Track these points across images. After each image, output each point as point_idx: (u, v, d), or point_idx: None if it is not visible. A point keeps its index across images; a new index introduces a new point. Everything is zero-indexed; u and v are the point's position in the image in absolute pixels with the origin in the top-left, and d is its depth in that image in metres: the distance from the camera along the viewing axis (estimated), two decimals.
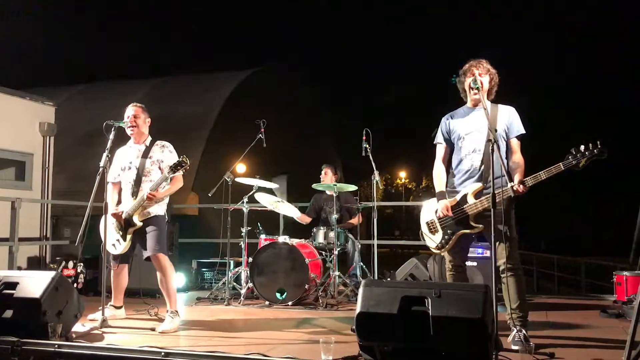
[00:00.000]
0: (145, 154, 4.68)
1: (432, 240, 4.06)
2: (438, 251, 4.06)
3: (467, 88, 3.99)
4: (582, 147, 3.49)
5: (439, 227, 4.00)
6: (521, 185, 3.65)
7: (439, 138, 4.16)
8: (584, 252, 16.71)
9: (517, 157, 3.89)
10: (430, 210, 4.10)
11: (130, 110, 4.74)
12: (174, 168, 4.39)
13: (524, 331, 3.68)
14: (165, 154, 4.70)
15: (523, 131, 3.94)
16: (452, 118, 4.12)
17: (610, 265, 10.13)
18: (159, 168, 4.65)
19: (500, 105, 4.01)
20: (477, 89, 3.85)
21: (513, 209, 3.87)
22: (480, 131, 3.92)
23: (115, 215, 4.56)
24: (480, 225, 3.84)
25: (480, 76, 3.93)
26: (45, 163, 7.94)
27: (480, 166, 3.88)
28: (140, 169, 4.63)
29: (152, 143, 4.75)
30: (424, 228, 4.12)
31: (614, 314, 4.97)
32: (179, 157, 4.45)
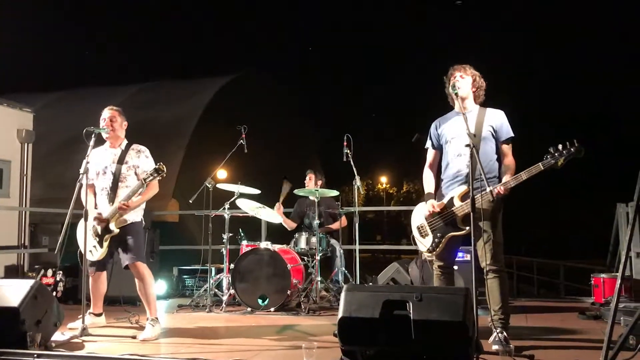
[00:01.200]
0: (121, 159, 4.63)
1: (423, 244, 4.11)
2: (429, 254, 4.10)
3: (453, 97, 4.06)
4: (560, 147, 3.56)
5: (429, 231, 4.05)
6: (502, 187, 3.71)
7: (429, 143, 4.25)
8: (562, 255, 16.92)
9: (509, 160, 3.94)
10: (420, 214, 4.15)
11: (107, 113, 4.69)
12: (150, 175, 4.35)
13: (504, 333, 3.73)
14: (142, 159, 4.66)
15: (512, 134, 4.00)
16: (440, 123, 4.20)
17: (588, 268, 10.26)
18: (135, 174, 4.60)
19: (488, 109, 4.06)
20: (456, 94, 3.94)
21: (500, 211, 3.93)
22: (463, 135, 3.95)
23: (97, 218, 4.50)
24: (468, 227, 3.88)
25: (461, 78, 4.02)
26: (24, 170, 7.85)
27: (464, 171, 3.94)
28: (117, 175, 4.58)
29: (127, 147, 4.70)
30: (415, 233, 4.17)
31: (592, 316, 5.05)
32: (156, 164, 4.42)
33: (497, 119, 4.01)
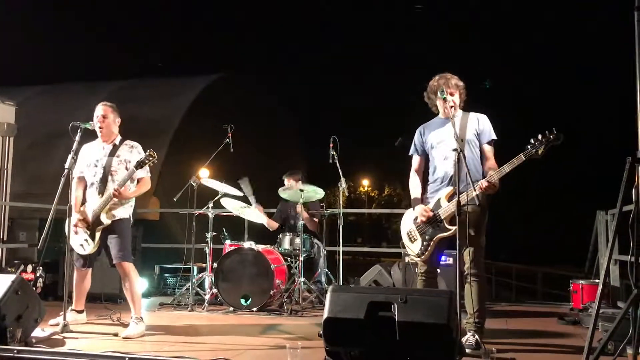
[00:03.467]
0: (113, 153, 4.63)
1: (412, 250, 4.13)
2: (419, 259, 4.10)
3: (439, 105, 4.14)
4: (540, 136, 3.64)
5: (417, 236, 4.08)
6: (485, 181, 3.73)
7: (413, 149, 4.30)
8: (540, 261, 17.13)
9: (491, 164, 3.99)
10: (409, 220, 4.17)
11: (100, 110, 4.65)
12: (141, 163, 4.37)
13: (477, 336, 3.78)
14: (134, 154, 4.65)
15: (494, 137, 4.07)
16: (425, 129, 4.26)
17: (565, 275, 10.42)
18: (126, 168, 4.58)
19: (471, 113, 4.14)
20: (444, 99, 3.99)
21: (485, 217, 3.97)
22: (451, 140, 4.02)
23: (81, 219, 4.47)
24: (455, 227, 3.90)
25: (452, 95, 4.06)
26: (4, 164, 7.71)
27: (452, 173, 3.98)
28: (107, 168, 4.57)
29: (121, 142, 4.70)
30: (405, 239, 4.18)
31: (571, 321, 5.12)
32: (145, 151, 4.44)
33: (480, 123, 4.09)
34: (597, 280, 6.04)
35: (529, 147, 3.66)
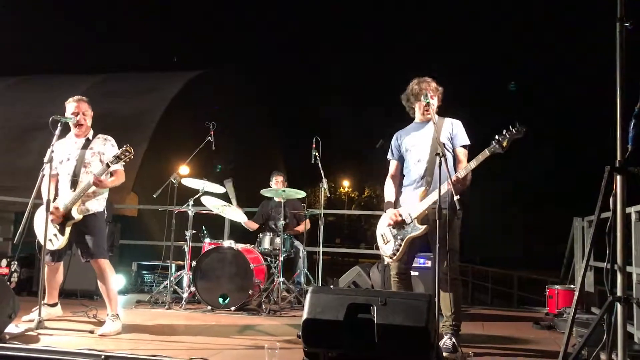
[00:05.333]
0: (86, 146, 4.56)
1: (385, 251, 4.18)
2: (391, 260, 4.15)
3: (418, 108, 4.23)
4: (504, 131, 3.70)
5: (390, 237, 4.13)
6: (453, 179, 3.75)
7: (390, 155, 4.37)
8: (516, 266, 17.33)
9: (463, 166, 4.02)
10: (383, 222, 4.22)
11: (74, 106, 4.56)
12: (118, 157, 4.30)
13: (454, 339, 3.82)
14: (107, 147, 4.59)
15: (468, 142, 4.14)
16: (401, 134, 4.34)
17: (540, 279, 10.55)
18: (100, 160, 4.51)
19: (447, 119, 4.21)
20: (427, 103, 4.04)
21: (458, 219, 4.00)
22: (424, 143, 4.14)
23: (53, 213, 4.39)
24: (425, 226, 3.96)
25: (432, 99, 4.11)
26: None
27: (424, 175, 4.08)
28: (80, 160, 4.50)
29: (94, 136, 4.64)
30: (379, 240, 4.25)
31: (546, 326, 5.19)
32: (121, 147, 4.38)
33: (453, 128, 4.17)
34: (572, 286, 6.12)
35: (493, 142, 3.73)
